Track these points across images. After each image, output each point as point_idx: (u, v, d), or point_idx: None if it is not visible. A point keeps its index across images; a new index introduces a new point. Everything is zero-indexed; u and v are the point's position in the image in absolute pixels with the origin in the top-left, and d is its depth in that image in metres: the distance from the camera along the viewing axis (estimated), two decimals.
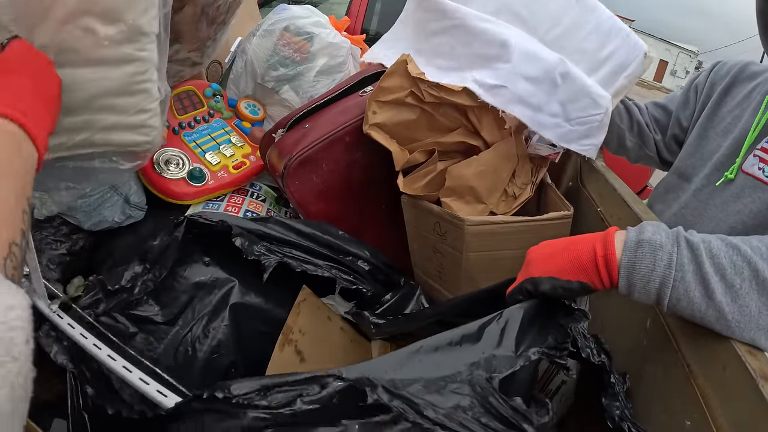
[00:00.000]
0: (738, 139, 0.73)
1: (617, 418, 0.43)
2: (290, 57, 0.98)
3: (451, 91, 0.74)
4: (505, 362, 0.41)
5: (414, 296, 0.75)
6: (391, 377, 0.38)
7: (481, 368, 0.40)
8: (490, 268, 0.71)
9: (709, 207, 0.74)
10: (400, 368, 0.40)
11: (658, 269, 0.42)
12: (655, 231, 0.44)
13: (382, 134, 0.76)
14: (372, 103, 0.75)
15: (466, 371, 0.40)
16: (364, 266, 0.72)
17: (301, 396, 0.38)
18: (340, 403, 0.38)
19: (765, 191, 0.66)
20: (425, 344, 0.42)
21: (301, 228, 0.68)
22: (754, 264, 0.41)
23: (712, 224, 0.72)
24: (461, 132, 0.79)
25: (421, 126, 0.78)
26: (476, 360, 0.41)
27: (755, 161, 0.69)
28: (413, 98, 0.75)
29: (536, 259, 0.49)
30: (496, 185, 0.77)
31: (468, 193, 0.75)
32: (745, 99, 0.77)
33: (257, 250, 0.62)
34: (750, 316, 0.40)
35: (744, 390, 0.37)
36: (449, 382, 0.39)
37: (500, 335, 0.43)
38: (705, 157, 0.78)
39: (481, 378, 0.40)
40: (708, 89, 0.84)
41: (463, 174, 0.74)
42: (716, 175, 0.74)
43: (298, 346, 0.66)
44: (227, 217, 0.63)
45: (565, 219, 0.72)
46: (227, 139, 0.95)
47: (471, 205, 0.75)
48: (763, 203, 0.66)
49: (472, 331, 0.44)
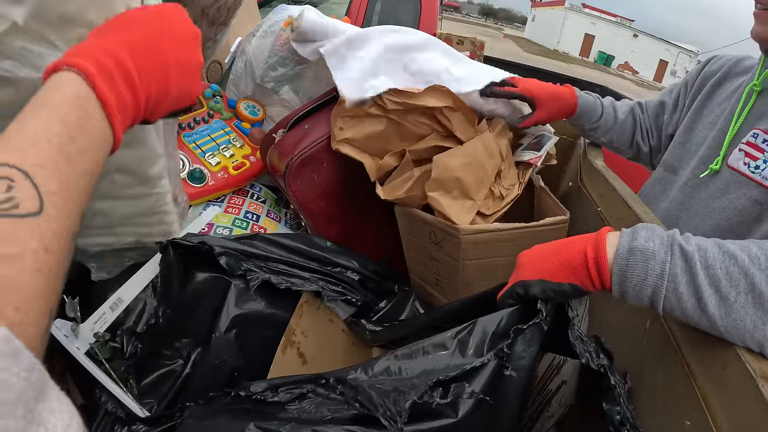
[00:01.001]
0: (723, 131, 0.72)
1: (617, 422, 0.42)
2: (289, 57, 0.98)
3: (412, 94, 0.73)
4: (455, 368, 0.43)
5: (408, 302, 0.76)
6: (362, 378, 0.47)
7: (435, 374, 0.44)
8: (486, 275, 0.71)
9: (695, 201, 0.72)
10: (373, 371, 0.47)
11: (650, 279, 0.41)
12: (648, 237, 0.42)
13: (352, 148, 0.75)
14: (337, 119, 0.74)
15: (419, 376, 0.45)
16: (353, 276, 0.72)
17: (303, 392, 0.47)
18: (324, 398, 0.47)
19: (750, 187, 0.65)
20: (400, 353, 0.48)
21: (288, 243, 0.69)
22: (751, 276, 0.39)
23: (697, 219, 0.71)
24: (434, 137, 0.79)
25: (391, 136, 0.77)
26: (432, 367, 0.45)
27: (740, 156, 0.67)
28: (377, 108, 0.74)
29: (527, 263, 0.48)
30: (482, 180, 0.75)
31: (454, 186, 0.73)
32: (733, 93, 0.75)
33: (244, 267, 0.63)
34: (744, 330, 0.39)
35: (744, 390, 0.37)
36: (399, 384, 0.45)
37: (469, 343, 0.45)
38: (692, 150, 0.77)
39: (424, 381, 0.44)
40: (699, 83, 0.83)
41: (449, 164, 0.72)
42: (702, 168, 0.73)
43: (301, 349, 0.67)
44: (209, 238, 0.65)
45: (561, 224, 0.71)
46: (227, 140, 0.95)
47: (459, 201, 0.73)
48: (748, 199, 0.64)
49: (443, 340, 0.47)
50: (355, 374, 0.48)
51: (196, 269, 0.64)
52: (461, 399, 0.41)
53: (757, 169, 0.65)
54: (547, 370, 0.70)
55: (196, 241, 0.63)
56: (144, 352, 0.59)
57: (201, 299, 0.64)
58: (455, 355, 0.45)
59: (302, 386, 0.48)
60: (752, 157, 0.66)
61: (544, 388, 0.67)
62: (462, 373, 0.42)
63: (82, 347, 0.56)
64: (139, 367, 0.60)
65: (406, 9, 3.22)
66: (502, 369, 0.43)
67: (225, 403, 0.50)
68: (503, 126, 0.85)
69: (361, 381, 0.46)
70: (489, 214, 0.76)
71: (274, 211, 0.93)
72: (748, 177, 0.65)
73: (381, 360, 0.48)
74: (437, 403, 0.41)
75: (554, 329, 0.46)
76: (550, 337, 0.46)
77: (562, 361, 0.65)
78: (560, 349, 0.52)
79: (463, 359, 0.44)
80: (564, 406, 0.60)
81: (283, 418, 0.45)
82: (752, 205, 0.64)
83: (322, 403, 0.47)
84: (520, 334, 0.44)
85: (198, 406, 0.51)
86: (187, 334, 0.62)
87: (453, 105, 0.76)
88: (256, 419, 0.44)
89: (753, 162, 0.66)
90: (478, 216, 0.75)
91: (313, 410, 0.46)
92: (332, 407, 0.46)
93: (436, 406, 0.41)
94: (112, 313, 0.62)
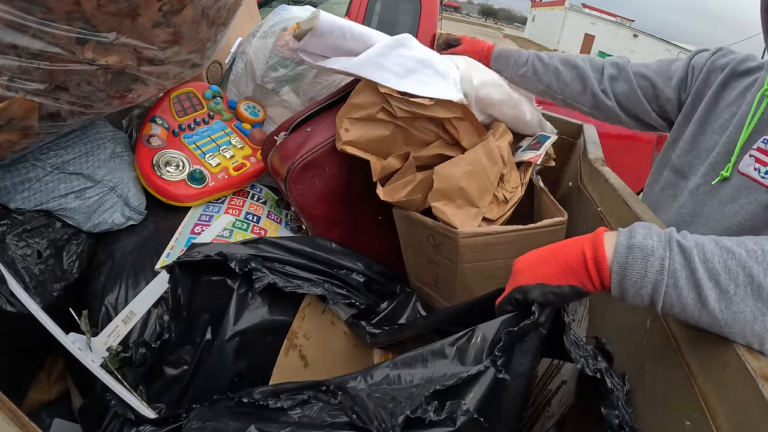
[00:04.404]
0: (733, 137, 0.72)
1: (616, 426, 0.42)
2: (290, 58, 0.98)
3: (422, 105, 0.73)
4: (452, 377, 0.43)
5: (410, 303, 0.76)
6: (362, 387, 0.48)
7: (433, 383, 0.44)
8: (485, 277, 0.71)
9: (706, 207, 0.73)
10: (372, 379, 0.48)
11: (650, 275, 0.41)
12: (646, 234, 0.42)
13: (356, 149, 0.75)
14: (343, 120, 0.73)
15: (418, 385, 0.45)
16: (358, 278, 0.73)
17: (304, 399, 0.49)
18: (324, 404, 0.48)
19: (761, 193, 0.65)
20: (399, 360, 0.48)
21: (293, 245, 0.69)
22: (749, 269, 0.39)
23: (708, 225, 0.71)
24: (439, 144, 0.79)
25: (396, 141, 0.77)
26: (432, 376, 0.45)
27: (751, 161, 0.68)
28: (385, 114, 0.74)
29: (524, 267, 0.48)
30: (486, 187, 0.75)
31: (458, 196, 0.73)
32: (740, 96, 0.75)
33: (249, 267, 0.64)
34: (744, 322, 0.39)
35: (744, 390, 0.37)
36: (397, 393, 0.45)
37: (468, 351, 0.45)
38: (702, 155, 0.77)
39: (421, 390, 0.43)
40: (705, 77, 0.81)
41: (451, 173, 0.72)
42: (712, 174, 0.73)
43: (303, 351, 0.67)
44: (213, 247, 0.65)
45: (559, 225, 0.71)
46: (227, 141, 0.95)
47: (463, 209, 0.73)
48: (759, 205, 0.65)
49: (442, 348, 0.47)
50: (355, 382, 0.48)
51: (201, 275, 0.65)
52: (457, 415, 0.41)
53: (767, 174, 0.65)
54: (547, 370, 0.70)
55: (200, 256, 0.63)
56: (153, 361, 0.60)
57: (206, 305, 0.64)
58: (454, 363, 0.45)
59: (304, 392, 0.49)
60: (762, 162, 0.66)
61: (544, 388, 0.67)
62: (460, 382, 0.42)
63: (96, 360, 0.58)
64: (147, 373, 0.61)
65: (406, 9, 3.21)
66: (501, 377, 0.43)
67: (228, 405, 0.51)
68: (503, 129, 0.85)
69: (361, 390, 0.47)
70: (494, 219, 0.75)
71: (274, 213, 0.93)
72: (759, 182, 0.66)
73: (381, 368, 0.48)
74: (430, 420, 0.41)
75: (551, 334, 0.46)
76: (548, 342, 0.45)
77: (562, 362, 0.65)
78: (558, 354, 0.52)
79: (462, 367, 0.44)
80: (564, 406, 0.60)
81: (284, 422, 0.46)
82: (763, 210, 0.65)
83: (323, 408, 0.47)
84: (519, 342, 0.44)
85: (202, 408, 0.51)
86: (192, 341, 0.63)
87: (462, 115, 0.77)
88: (258, 422, 0.45)
89: (763, 167, 0.66)
90: (483, 222, 0.75)
91: (314, 415, 0.46)
92: (332, 412, 0.46)
93: (428, 423, 0.41)
94: (125, 326, 0.64)
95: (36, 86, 0.58)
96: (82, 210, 0.74)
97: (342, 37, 0.77)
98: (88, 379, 0.60)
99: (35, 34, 0.53)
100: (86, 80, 0.62)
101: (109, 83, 0.65)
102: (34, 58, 0.55)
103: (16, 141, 0.63)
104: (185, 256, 0.63)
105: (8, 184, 0.69)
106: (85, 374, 0.58)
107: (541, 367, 0.73)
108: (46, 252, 0.69)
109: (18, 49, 0.54)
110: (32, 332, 0.57)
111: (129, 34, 0.60)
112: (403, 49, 0.77)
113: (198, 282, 0.64)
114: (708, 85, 0.81)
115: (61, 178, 0.73)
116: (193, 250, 0.64)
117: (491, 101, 0.85)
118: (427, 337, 0.64)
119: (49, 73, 0.57)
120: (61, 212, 0.73)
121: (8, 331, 0.61)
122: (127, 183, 0.80)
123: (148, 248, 0.76)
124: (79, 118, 0.68)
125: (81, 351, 0.57)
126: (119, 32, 0.59)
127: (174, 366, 0.62)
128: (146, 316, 0.67)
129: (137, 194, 0.82)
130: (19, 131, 0.61)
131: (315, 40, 0.77)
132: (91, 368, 0.56)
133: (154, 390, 0.60)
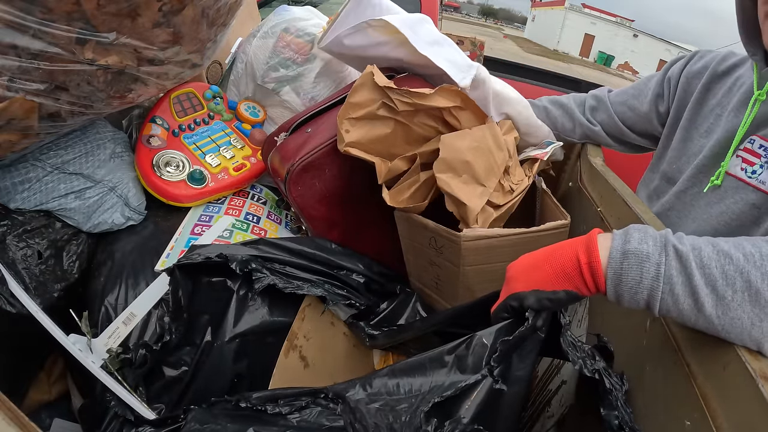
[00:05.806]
0: (720, 141, 0.71)
1: (616, 427, 0.42)
2: (291, 58, 0.98)
3: (424, 95, 0.73)
4: (450, 386, 0.43)
5: (410, 304, 0.76)
6: (360, 396, 0.48)
7: (432, 393, 0.44)
8: (487, 280, 0.70)
9: (694, 209, 0.73)
10: (371, 388, 0.48)
11: (645, 282, 0.40)
12: (641, 239, 0.42)
13: (359, 151, 0.74)
14: (343, 122, 0.72)
15: (416, 396, 0.45)
16: (358, 279, 0.72)
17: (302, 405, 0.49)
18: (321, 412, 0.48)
19: (748, 192, 0.65)
20: (398, 368, 0.48)
21: (293, 246, 0.69)
22: (746, 274, 0.38)
23: (695, 225, 0.71)
24: (439, 139, 0.79)
25: (398, 139, 0.76)
26: (430, 386, 0.45)
27: (738, 162, 0.68)
28: (386, 110, 0.73)
29: (518, 274, 0.47)
30: (492, 167, 0.73)
31: (464, 170, 0.71)
32: (725, 96, 0.75)
33: (249, 267, 0.64)
34: (742, 328, 0.39)
35: (744, 390, 0.37)
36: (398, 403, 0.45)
37: (467, 359, 0.45)
38: (690, 160, 0.77)
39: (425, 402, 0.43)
40: (684, 85, 0.82)
41: (457, 145, 0.70)
42: (699, 178, 0.73)
43: (303, 352, 0.67)
44: (213, 249, 0.65)
45: (561, 229, 0.70)
46: (227, 141, 0.95)
47: (469, 185, 0.71)
48: (746, 204, 0.65)
49: (440, 356, 0.46)
50: (354, 391, 0.48)
51: (202, 276, 0.65)
52: (457, 429, 0.41)
53: (754, 174, 0.66)
54: (547, 370, 0.70)
55: (201, 259, 0.63)
56: (153, 362, 0.60)
57: (206, 307, 0.64)
58: (453, 372, 0.45)
59: (302, 399, 0.49)
60: (749, 162, 0.67)
61: (544, 388, 0.67)
62: (459, 392, 0.42)
63: (96, 361, 0.58)
64: (147, 375, 0.61)
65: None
66: (500, 384, 0.42)
67: (226, 408, 0.51)
68: (510, 125, 0.85)
69: (359, 399, 0.46)
70: (500, 204, 0.73)
71: (274, 213, 0.93)
72: (746, 182, 0.66)
73: (379, 376, 0.48)
74: None
75: (550, 334, 0.46)
76: (546, 342, 0.45)
77: (562, 361, 0.65)
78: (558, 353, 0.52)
79: (461, 376, 0.44)
80: (564, 406, 0.60)
81: (282, 425, 0.46)
82: (750, 209, 0.65)
83: (321, 412, 0.47)
84: (517, 349, 0.44)
85: (201, 409, 0.51)
86: (192, 342, 0.63)
87: (461, 104, 0.76)
88: (256, 424, 0.45)
89: (750, 167, 0.66)
90: (488, 205, 0.73)
91: (312, 419, 0.47)
92: (331, 416, 0.46)
93: None
94: (125, 328, 0.64)
95: (36, 86, 0.58)
96: (82, 210, 0.74)
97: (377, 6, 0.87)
98: (88, 380, 0.60)
99: (35, 34, 0.53)
100: (86, 80, 0.62)
101: (109, 83, 0.65)
102: (34, 59, 0.55)
103: (16, 141, 0.63)
104: (186, 259, 0.63)
105: (8, 184, 0.69)
106: (85, 374, 0.58)
107: (541, 367, 0.73)
108: (47, 252, 0.69)
109: (18, 49, 0.54)
110: (32, 332, 0.57)
111: (129, 34, 0.60)
112: (429, 25, 0.86)
113: (198, 284, 0.64)
114: (689, 92, 0.81)
115: (61, 178, 0.73)
116: (193, 252, 0.64)
117: (507, 97, 0.86)
118: (426, 338, 0.64)
119: (49, 73, 0.57)
120: (61, 212, 0.73)
121: (8, 332, 0.61)
122: (127, 183, 0.80)
123: (148, 248, 0.76)
124: (79, 118, 0.68)
125: (82, 352, 0.57)
126: (119, 32, 0.59)
127: (174, 367, 0.62)
128: (146, 318, 0.67)
129: (137, 194, 0.82)
130: (19, 131, 0.61)
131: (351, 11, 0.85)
132: (92, 369, 0.56)
133: (154, 390, 0.60)
